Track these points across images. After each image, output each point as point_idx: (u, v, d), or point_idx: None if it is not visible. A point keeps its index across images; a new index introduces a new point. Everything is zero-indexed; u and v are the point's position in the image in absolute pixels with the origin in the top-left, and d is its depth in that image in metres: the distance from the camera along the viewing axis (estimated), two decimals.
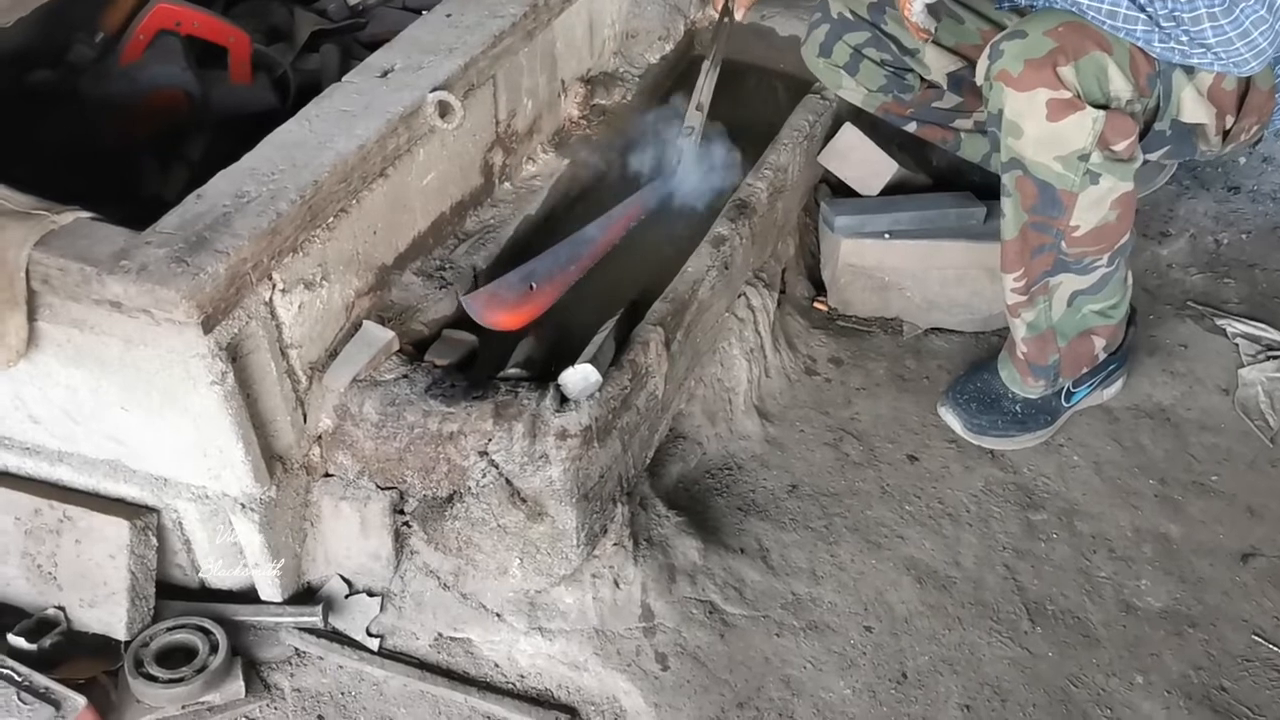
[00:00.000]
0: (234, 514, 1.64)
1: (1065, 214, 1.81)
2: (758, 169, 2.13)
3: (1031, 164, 1.78)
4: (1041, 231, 1.85)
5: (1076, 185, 1.78)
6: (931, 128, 2.25)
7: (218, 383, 1.47)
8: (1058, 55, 1.71)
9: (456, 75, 1.80)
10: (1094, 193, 1.79)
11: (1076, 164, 1.76)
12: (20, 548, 1.67)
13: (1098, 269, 1.90)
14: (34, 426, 1.65)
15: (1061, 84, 1.71)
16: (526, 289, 1.87)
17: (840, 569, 1.87)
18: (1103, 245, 1.86)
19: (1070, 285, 1.92)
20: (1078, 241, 1.84)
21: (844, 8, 2.14)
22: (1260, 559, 1.90)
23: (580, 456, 1.61)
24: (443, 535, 1.70)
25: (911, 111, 2.22)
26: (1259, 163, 2.71)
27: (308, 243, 1.58)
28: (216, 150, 2.08)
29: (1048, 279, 1.91)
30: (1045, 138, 1.75)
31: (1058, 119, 1.72)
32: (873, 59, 2.15)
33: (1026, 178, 1.80)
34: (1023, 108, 1.74)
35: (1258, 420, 2.13)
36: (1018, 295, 1.93)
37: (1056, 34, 1.72)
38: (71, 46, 2.22)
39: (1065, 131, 1.73)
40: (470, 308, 1.82)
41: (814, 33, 2.19)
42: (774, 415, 2.12)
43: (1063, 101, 1.71)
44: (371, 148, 1.65)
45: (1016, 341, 2.01)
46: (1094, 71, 1.72)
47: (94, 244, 1.44)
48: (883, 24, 2.11)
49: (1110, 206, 1.81)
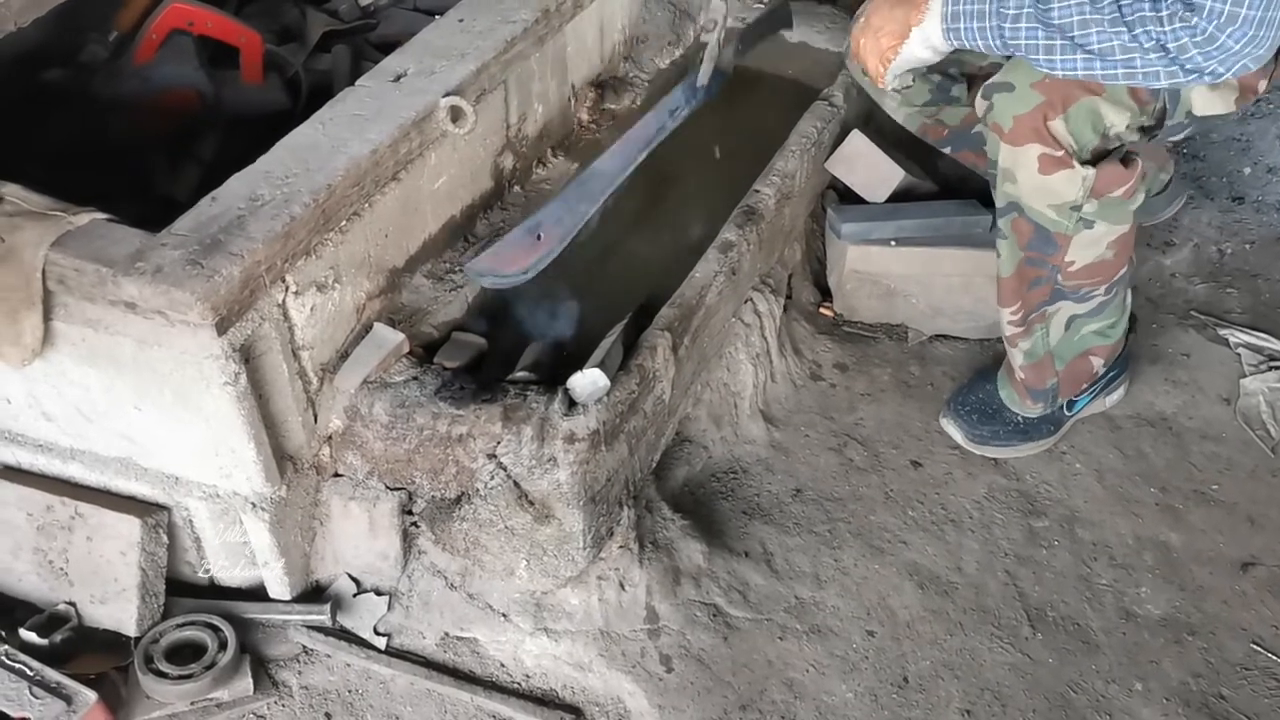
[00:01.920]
0: (244, 513, 1.65)
1: (1060, 252, 1.82)
2: (765, 175, 2.13)
3: (1028, 207, 1.79)
4: (1037, 266, 1.85)
5: (1070, 230, 1.78)
6: (967, 152, 2.20)
7: (231, 383, 1.49)
8: (1046, 109, 1.69)
9: (469, 80, 1.81)
10: (1088, 236, 1.79)
11: (1069, 213, 1.76)
12: (32, 544, 1.69)
13: (1095, 298, 1.91)
14: (47, 424, 1.67)
15: (1054, 139, 1.70)
16: (533, 240, 1.84)
17: (843, 573, 1.88)
18: (1099, 279, 1.87)
19: (1068, 311, 1.93)
20: (1074, 275, 1.85)
21: None
22: (1260, 568, 1.91)
23: (588, 460, 1.63)
24: (450, 536, 1.72)
25: (948, 134, 2.17)
26: (1264, 173, 2.72)
27: (320, 245, 1.60)
28: (228, 150, 2.11)
29: (1045, 308, 1.91)
30: (1038, 187, 1.75)
31: (1049, 173, 1.72)
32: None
33: (1022, 219, 1.81)
34: (1016, 160, 1.74)
35: (1259, 430, 2.14)
36: (1014, 327, 1.94)
37: (1043, 86, 1.69)
38: (85, 46, 2.23)
39: (1056, 185, 1.73)
40: (476, 267, 1.82)
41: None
42: (779, 420, 2.14)
43: (1054, 159, 1.71)
44: (384, 152, 1.66)
45: (1015, 368, 2.02)
46: (1085, 117, 1.70)
47: (110, 245, 1.46)
48: None
49: (1106, 247, 1.82)
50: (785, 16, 2.37)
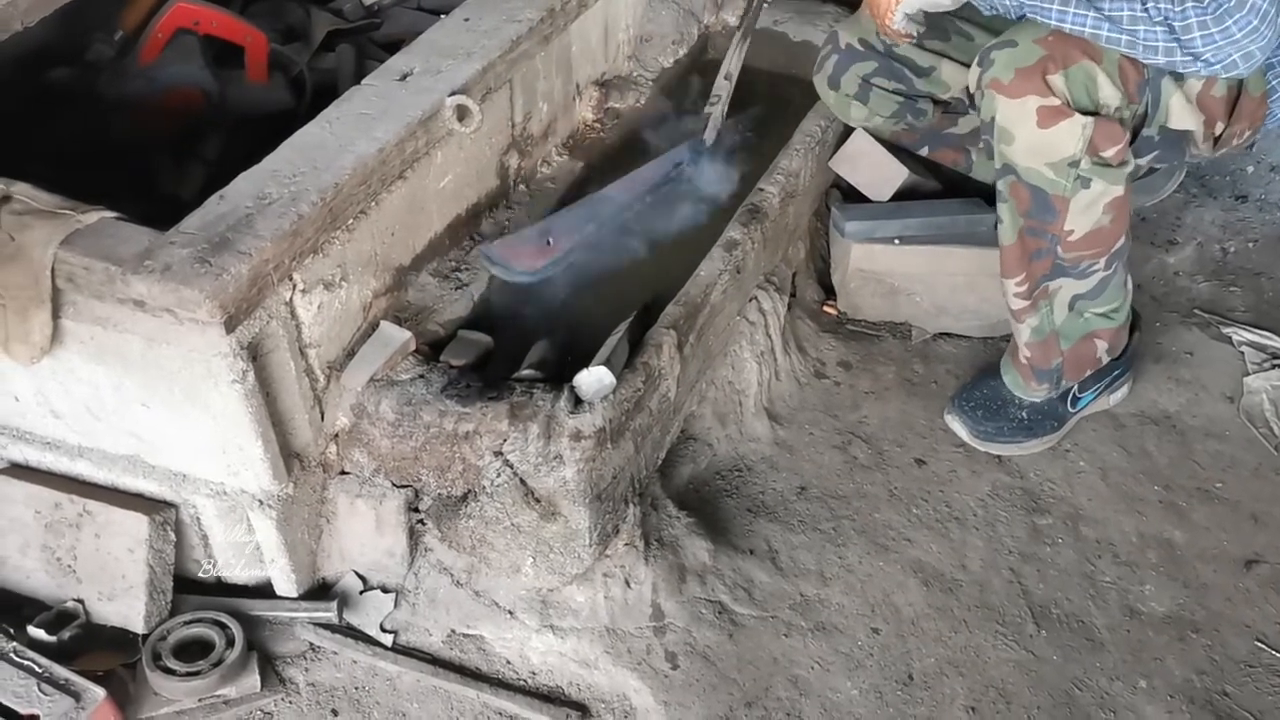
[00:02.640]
0: (251, 510, 1.66)
1: (1059, 219, 1.83)
2: (770, 174, 2.14)
3: (1023, 170, 1.81)
4: (1038, 236, 1.87)
5: (1068, 190, 1.80)
6: (944, 151, 2.28)
7: (238, 381, 1.50)
8: (1047, 63, 1.73)
9: (474, 79, 1.82)
10: (1085, 197, 1.81)
11: (1067, 170, 1.78)
12: (40, 541, 1.69)
13: (1095, 273, 1.92)
14: (55, 422, 1.68)
15: (1051, 91, 1.74)
16: (544, 243, 1.94)
17: (848, 571, 1.89)
18: (1098, 249, 1.88)
19: (1070, 290, 1.94)
20: (1073, 246, 1.87)
21: (852, 38, 2.15)
22: (1264, 565, 1.92)
23: (594, 457, 1.64)
24: (457, 533, 1.72)
25: (920, 137, 2.25)
26: (1267, 171, 2.72)
27: (327, 244, 1.61)
28: (233, 149, 2.12)
29: (1047, 283, 1.93)
30: (1036, 144, 1.77)
31: (1048, 125, 1.75)
32: (883, 87, 2.16)
33: (1019, 183, 1.83)
34: (1014, 114, 1.77)
35: (1262, 428, 2.15)
36: (1021, 300, 1.95)
37: (1046, 43, 1.74)
38: (91, 45, 2.24)
39: (1055, 138, 1.76)
40: (490, 254, 1.89)
41: (824, 64, 2.20)
42: (784, 418, 2.14)
43: (1052, 109, 1.74)
44: (390, 151, 1.67)
45: (1020, 346, 2.03)
46: (1083, 80, 1.74)
47: (118, 243, 1.46)
48: (895, 48, 2.12)
49: (1103, 210, 1.83)
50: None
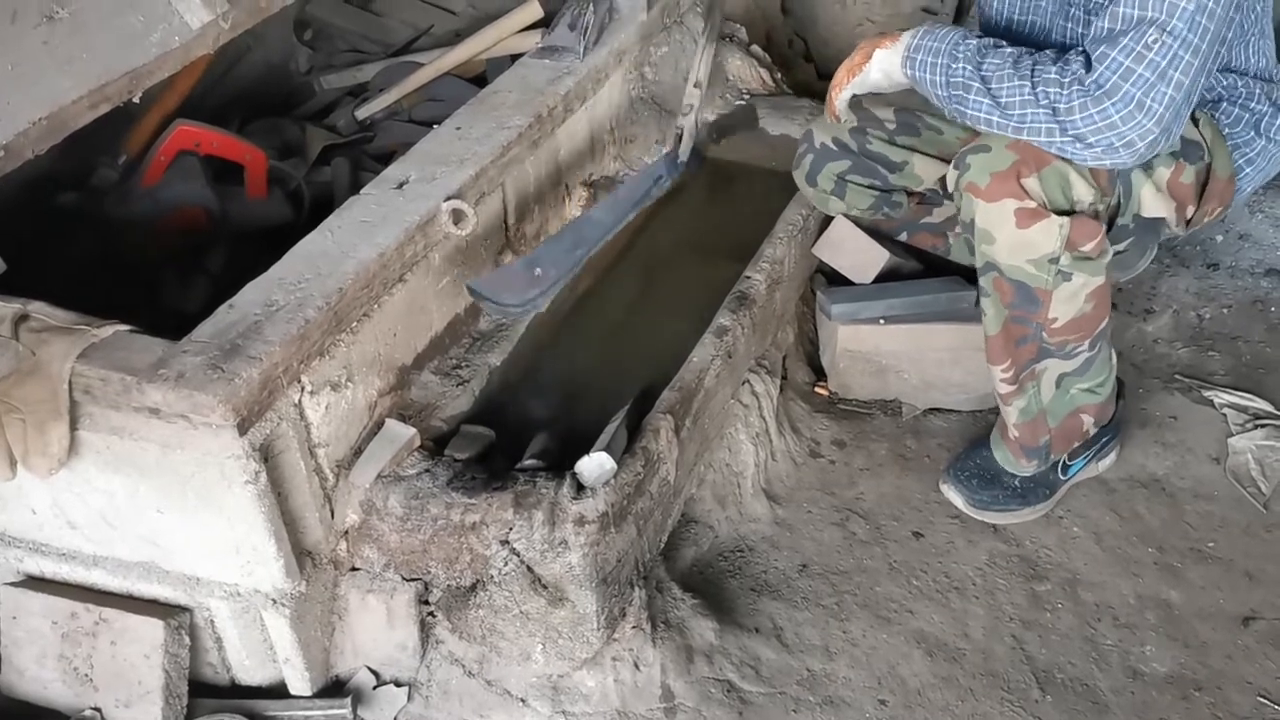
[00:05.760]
0: (265, 610, 1.69)
1: (1043, 308, 1.89)
2: (755, 262, 2.21)
3: (1006, 267, 1.87)
4: (1022, 324, 1.92)
5: (1050, 284, 1.86)
6: (922, 235, 2.37)
7: (251, 482, 1.54)
8: (1020, 167, 1.79)
9: (468, 184, 1.90)
10: (1068, 289, 1.87)
11: (1048, 265, 1.84)
12: (58, 651, 1.72)
13: (1081, 354, 1.97)
14: (71, 532, 1.71)
15: (1027, 194, 1.80)
16: (532, 274, 1.97)
17: (853, 644, 1.91)
18: (1082, 333, 1.93)
19: (1056, 369, 1.99)
20: (1058, 332, 1.92)
21: (826, 137, 2.25)
22: (1261, 622, 1.94)
23: (598, 542, 1.67)
24: (467, 623, 1.75)
25: (898, 224, 2.35)
26: (1235, 239, 2.80)
27: (333, 346, 1.66)
28: (236, 262, 2.18)
29: (1033, 366, 1.97)
30: (1016, 244, 1.83)
31: (1026, 226, 1.81)
32: (859, 183, 2.26)
33: (1002, 279, 1.88)
34: (993, 217, 1.83)
35: (1250, 487, 2.19)
36: (1008, 385, 2.00)
37: (1017, 147, 1.80)
38: (96, 169, 2.33)
39: (1034, 238, 1.81)
40: (477, 288, 1.93)
41: (802, 161, 2.29)
42: (782, 497, 2.18)
43: (1029, 210, 1.80)
44: (391, 255, 1.74)
45: (1009, 426, 2.07)
46: (1057, 181, 1.80)
47: (132, 354, 1.52)
48: (867, 145, 2.22)
49: (1085, 299, 1.89)
50: (751, 116, 2.62)
